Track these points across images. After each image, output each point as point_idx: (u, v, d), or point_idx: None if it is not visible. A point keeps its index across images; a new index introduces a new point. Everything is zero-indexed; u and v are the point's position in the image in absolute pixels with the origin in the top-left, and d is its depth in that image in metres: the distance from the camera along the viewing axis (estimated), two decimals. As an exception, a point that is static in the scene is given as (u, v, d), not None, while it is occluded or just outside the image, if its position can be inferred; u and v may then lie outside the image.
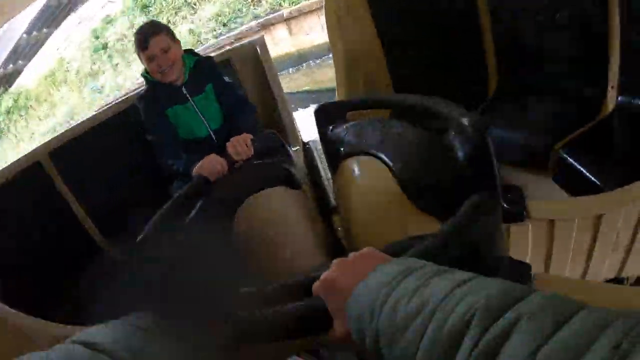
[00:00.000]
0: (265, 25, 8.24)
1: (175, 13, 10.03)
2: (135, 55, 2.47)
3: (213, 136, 2.38)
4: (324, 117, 1.48)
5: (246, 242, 1.52)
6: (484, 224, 0.81)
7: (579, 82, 2.15)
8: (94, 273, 2.35)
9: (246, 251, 1.51)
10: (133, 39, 2.30)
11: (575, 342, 0.35)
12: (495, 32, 2.41)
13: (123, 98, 2.92)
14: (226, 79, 2.46)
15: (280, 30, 8.28)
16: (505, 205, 0.95)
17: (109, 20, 11.62)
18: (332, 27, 2.51)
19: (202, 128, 2.37)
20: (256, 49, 2.84)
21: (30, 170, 2.41)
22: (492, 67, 2.48)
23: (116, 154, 2.64)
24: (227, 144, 1.92)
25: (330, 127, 1.44)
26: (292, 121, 2.70)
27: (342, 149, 1.36)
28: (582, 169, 1.72)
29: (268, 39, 3.25)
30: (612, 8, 1.94)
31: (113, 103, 2.91)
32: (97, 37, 11.57)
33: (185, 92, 2.31)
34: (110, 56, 11.06)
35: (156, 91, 2.30)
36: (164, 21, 7.36)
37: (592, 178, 1.65)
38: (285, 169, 1.75)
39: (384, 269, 0.59)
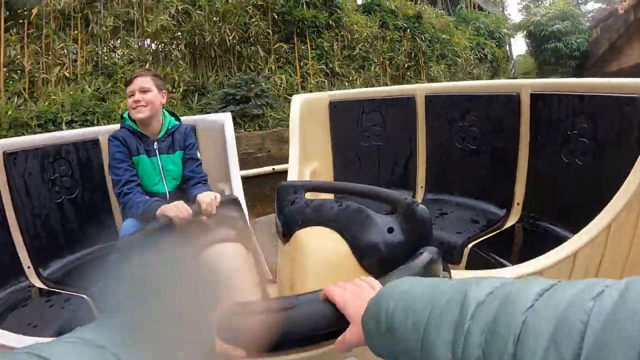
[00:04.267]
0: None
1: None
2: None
3: (167, 195, 2.44)
4: (285, 193, 1.76)
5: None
6: (433, 268, 1.09)
7: (490, 197, 2.69)
8: (12, 294, 2.30)
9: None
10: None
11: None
12: (427, 153, 2.95)
13: (95, 128, 3.01)
14: (198, 154, 2.58)
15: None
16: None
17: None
18: (295, 123, 2.92)
19: (160, 184, 2.45)
20: (222, 123, 3.07)
21: None
22: (421, 179, 2.98)
23: (69, 180, 2.66)
24: (199, 196, 2.04)
25: (291, 202, 1.72)
26: (241, 196, 2.78)
27: (299, 221, 1.62)
28: (493, 255, 2.14)
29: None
30: (523, 143, 2.51)
31: (85, 129, 2.94)
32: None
33: (155, 147, 2.42)
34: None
35: (129, 136, 2.38)
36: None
37: (501, 261, 2.06)
38: (242, 230, 1.90)
39: (392, 285, 0.76)
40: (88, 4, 6.35)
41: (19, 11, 5.70)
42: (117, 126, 2.56)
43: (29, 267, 2.45)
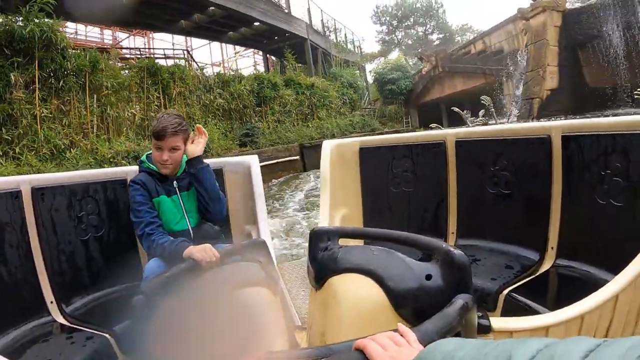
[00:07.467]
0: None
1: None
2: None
3: (191, 231, 2.46)
4: (318, 239, 1.75)
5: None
6: (468, 316, 1.07)
7: (523, 242, 2.62)
8: (33, 329, 2.26)
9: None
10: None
11: None
12: (458, 198, 2.93)
13: (123, 168, 2.99)
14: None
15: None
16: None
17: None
18: (325, 168, 2.93)
19: (183, 222, 2.46)
20: (249, 165, 3.08)
21: (6, 195, 2.32)
22: (452, 225, 2.94)
23: (96, 218, 2.67)
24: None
25: (324, 248, 1.70)
26: (268, 238, 2.74)
27: (333, 267, 1.59)
28: (529, 301, 2.05)
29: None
30: (556, 186, 2.46)
31: (113, 169, 2.93)
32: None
33: (175, 185, 2.45)
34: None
35: (148, 179, 2.41)
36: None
37: (538, 307, 1.98)
38: (269, 274, 1.87)
39: (434, 346, 0.75)
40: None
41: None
42: None
43: (51, 302, 2.43)
